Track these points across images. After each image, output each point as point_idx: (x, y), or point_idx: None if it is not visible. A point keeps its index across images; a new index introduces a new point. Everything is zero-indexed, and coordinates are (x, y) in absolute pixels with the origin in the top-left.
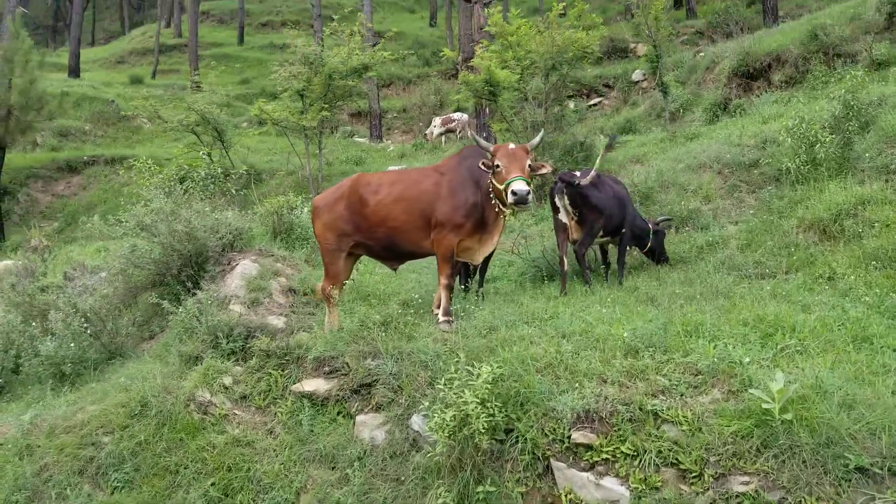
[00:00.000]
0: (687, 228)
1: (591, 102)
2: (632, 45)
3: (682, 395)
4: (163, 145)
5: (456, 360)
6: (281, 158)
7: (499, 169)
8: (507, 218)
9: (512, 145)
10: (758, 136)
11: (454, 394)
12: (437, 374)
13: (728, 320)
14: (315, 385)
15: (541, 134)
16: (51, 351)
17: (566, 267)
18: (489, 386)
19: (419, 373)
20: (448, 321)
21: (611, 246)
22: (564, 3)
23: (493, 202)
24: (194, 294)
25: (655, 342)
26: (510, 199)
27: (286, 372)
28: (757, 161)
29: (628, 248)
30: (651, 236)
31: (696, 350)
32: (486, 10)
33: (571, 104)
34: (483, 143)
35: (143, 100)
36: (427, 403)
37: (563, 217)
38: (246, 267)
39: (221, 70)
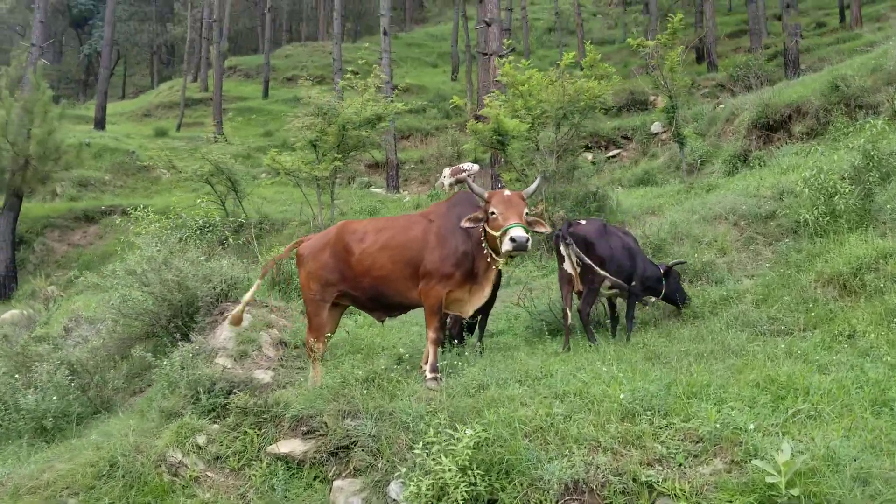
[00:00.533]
0: (700, 282)
1: (610, 154)
2: (651, 98)
3: (680, 465)
4: (181, 196)
5: (436, 421)
6: (295, 209)
7: (494, 216)
8: (500, 268)
9: (507, 192)
10: (775, 187)
11: (433, 460)
12: (418, 437)
13: (737, 381)
14: (291, 446)
15: (537, 181)
16: (31, 405)
17: (570, 320)
18: (470, 451)
19: (399, 435)
20: (435, 378)
21: (620, 299)
22: (575, 53)
23: (484, 251)
24: (181, 346)
25: (655, 405)
26: (508, 246)
27: (263, 431)
28: (774, 212)
29: (642, 299)
30: (664, 282)
31: (698, 414)
32: (500, 60)
33: (590, 156)
34: (476, 188)
35: (159, 150)
36: (404, 469)
37: (568, 267)
38: None
39: (240, 122)
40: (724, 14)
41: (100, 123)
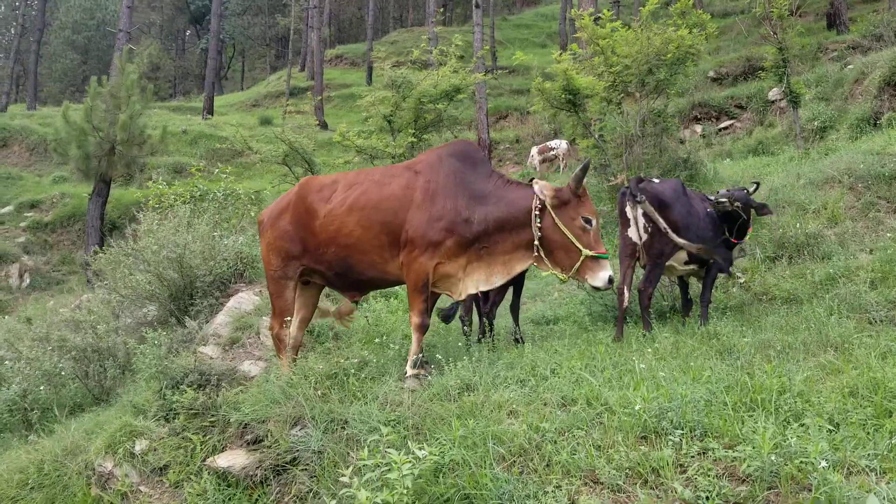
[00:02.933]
0: (802, 258)
1: (722, 126)
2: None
3: None
4: (271, 180)
5: (375, 438)
6: None
7: (589, 226)
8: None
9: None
10: None
11: (360, 492)
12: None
13: (825, 386)
14: (231, 460)
15: (584, 165)
16: (14, 395)
17: (626, 303)
18: (412, 483)
19: (348, 452)
20: (417, 377)
21: (694, 279)
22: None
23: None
24: (149, 333)
25: (690, 420)
26: (599, 282)
27: (207, 438)
28: None
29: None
30: None
31: (751, 437)
32: (576, 12)
33: (699, 128)
34: (582, 179)
35: (235, 131)
36: (333, 503)
37: (633, 234)
38: (240, 300)
39: (340, 108)
40: None
41: (207, 112)
